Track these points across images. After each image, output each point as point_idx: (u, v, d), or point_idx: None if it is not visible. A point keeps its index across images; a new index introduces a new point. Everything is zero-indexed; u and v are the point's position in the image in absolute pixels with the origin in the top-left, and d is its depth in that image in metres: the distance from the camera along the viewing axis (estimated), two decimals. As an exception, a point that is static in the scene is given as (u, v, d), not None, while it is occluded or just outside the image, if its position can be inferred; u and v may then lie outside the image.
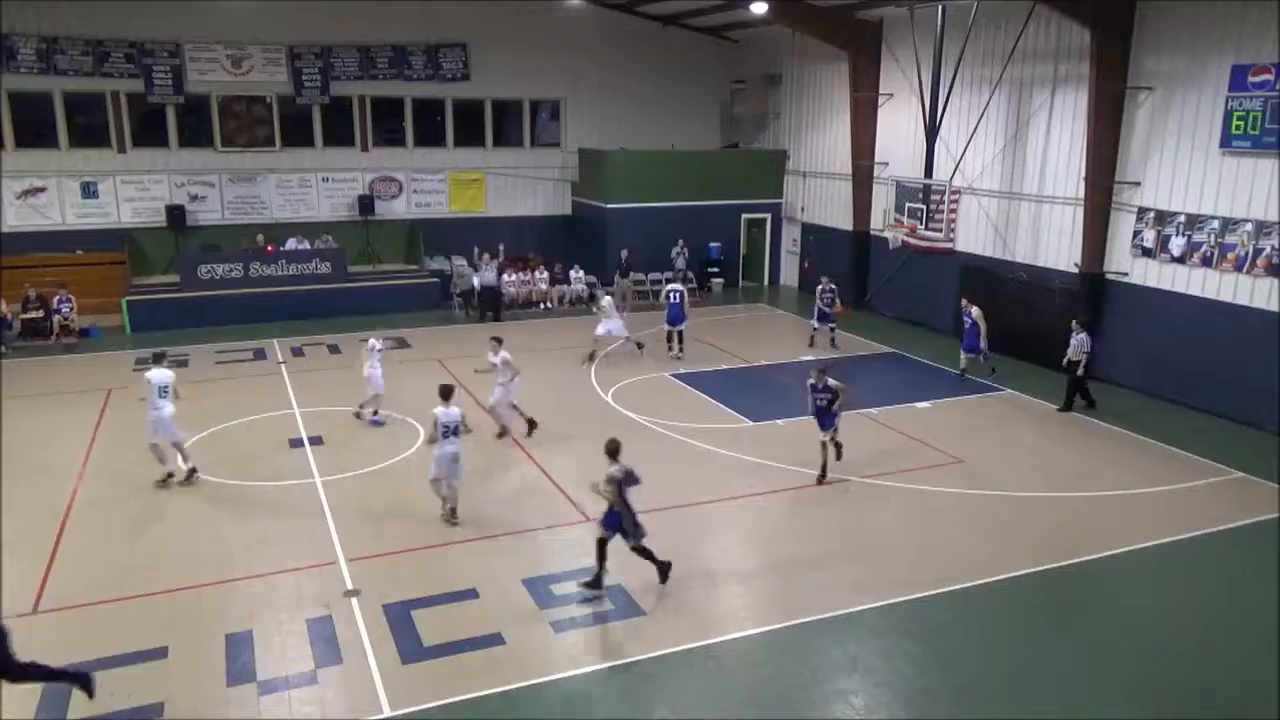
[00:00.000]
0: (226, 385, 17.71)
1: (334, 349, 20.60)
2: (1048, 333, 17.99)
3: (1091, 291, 17.94)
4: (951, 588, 10.22)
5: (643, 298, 25.21)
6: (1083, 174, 17.81)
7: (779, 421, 15.70)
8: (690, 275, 26.29)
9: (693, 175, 26.86)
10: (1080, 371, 16.11)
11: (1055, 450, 14.72)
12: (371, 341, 15.61)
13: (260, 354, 20.05)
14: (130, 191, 24.31)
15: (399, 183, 26.90)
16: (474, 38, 26.33)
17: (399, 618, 9.51)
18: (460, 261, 25.28)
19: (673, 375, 18.44)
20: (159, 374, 12.89)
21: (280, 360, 19.58)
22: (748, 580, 10.63)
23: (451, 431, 11.56)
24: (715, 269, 27.43)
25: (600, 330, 19.31)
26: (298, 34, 24.84)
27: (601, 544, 10.07)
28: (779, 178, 27.91)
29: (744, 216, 27.95)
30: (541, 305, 25.04)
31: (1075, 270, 18.25)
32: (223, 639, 9.14)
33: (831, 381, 13.07)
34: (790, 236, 27.94)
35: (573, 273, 25.96)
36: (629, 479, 9.96)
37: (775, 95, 28.02)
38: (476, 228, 27.00)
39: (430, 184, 27.19)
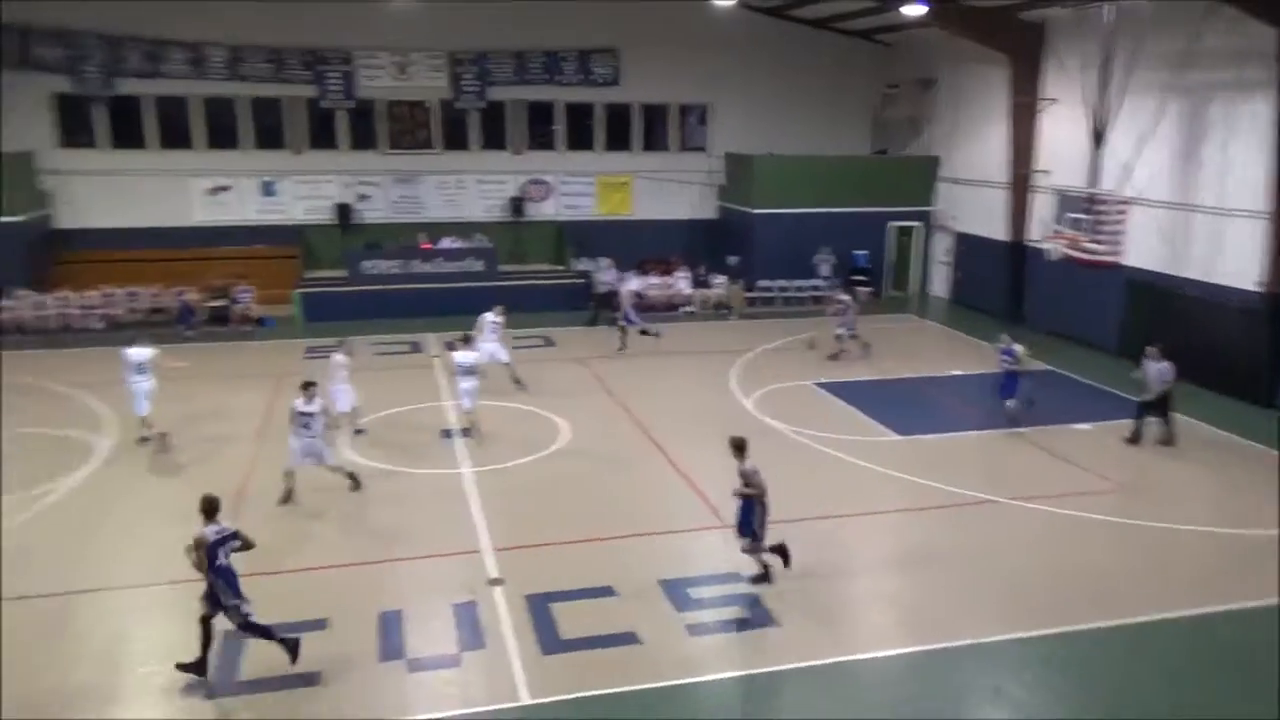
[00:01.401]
0: (383, 376, 18.61)
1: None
2: (1225, 355, 16.80)
3: (1276, 313, 16.64)
4: (1102, 624, 9.68)
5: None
6: (1271, 185, 16.54)
7: (927, 436, 15.28)
8: (836, 283, 25.92)
9: (840, 181, 26.43)
10: (1163, 405, 14.71)
11: (1220, 483, 13.72)
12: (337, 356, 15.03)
13: (416, 347, 21.02)
14: (304, 190, 25.97)
15: (549, 185, 27.65)
16: (624, 43, 26.79)
17: (539, 609, 9.80)
18: (605, 263, 25.73)
19: (816, 384, 18.21)
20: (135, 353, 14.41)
21: (434, 354, 20.45)
22: (887, 599, 10.42)
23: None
24: (862, 277, 26.87)
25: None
26: (458, 41, 25.90)
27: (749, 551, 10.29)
28: (930, 185, 27.13)
29: (892, 224, 27.30)
30: (683, 309, 25.19)
31: (1258, 289, 16.96)
32: (376, 616, 9.65)
33: (1016, 347, 13.44)
34: (942, 245, 27.10)
35: (714, 277, 25.99)
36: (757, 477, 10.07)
37: (928, 100, 27.25)
38: (622, 230, 27.46)
39: (579, 186, 27.82)
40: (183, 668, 8.55)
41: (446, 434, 15.36)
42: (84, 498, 12.68)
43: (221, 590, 8.47)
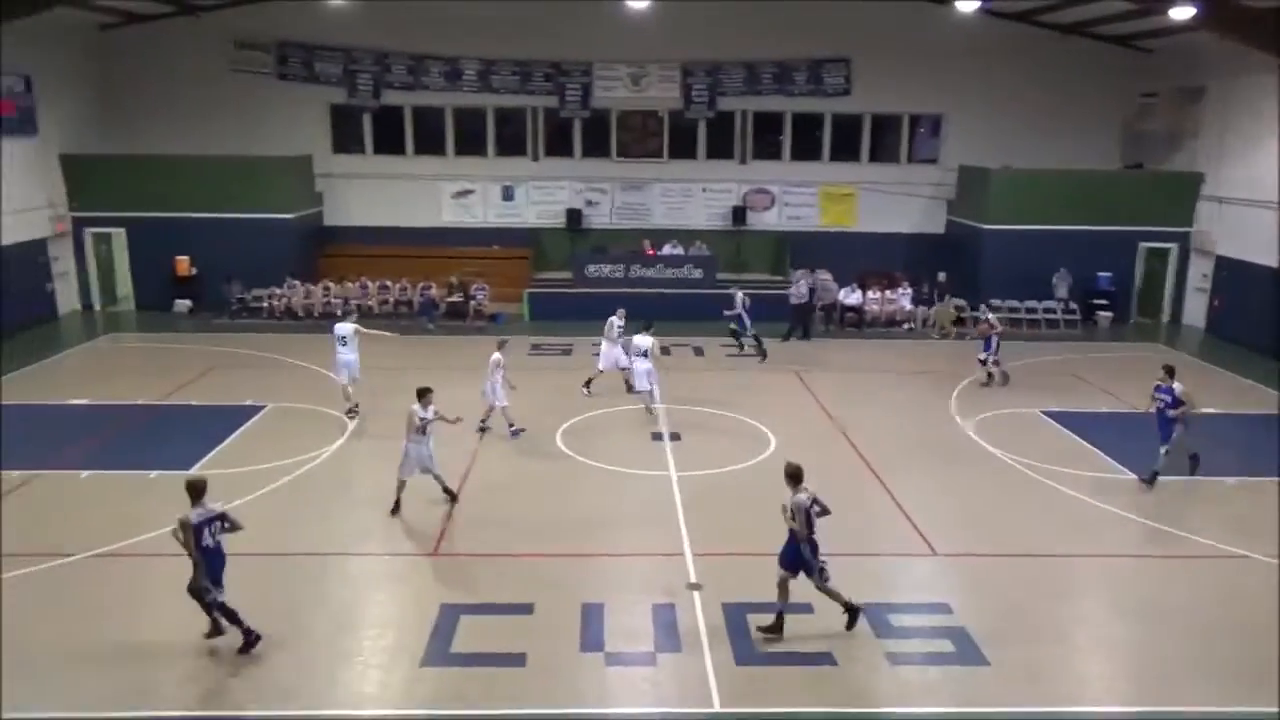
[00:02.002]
0: (599, 376, 19.31)
1: (698, 351, 21.66)
2: None
3: None
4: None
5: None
6: None
7: (1168, 478, 13.99)
8: (1073, 306, 24.27)
9: (1084, 197, 24.65)
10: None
11: None
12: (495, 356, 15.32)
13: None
14: (538, 195, 27.44)
15: (772, 195, 27.65)
16: (857, 52, 26.34)
17: (736, 619, 9.84)
18: (825, 276, 25.38)
19: (1043, 412, 17.13)
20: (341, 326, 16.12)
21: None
22: (1109, 649, 9.66)
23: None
24: (1103, 301, 24.97)
25: (601, 363, 17.75)
26: (691, 53, 26.44)
27: (783, 585, 9.57)
28: (1190, 204, 24.75)
29: (1142, 245, 25.18)
30: (904, 326, 24.40)
31: None
32: (579, 607, 10.04)
33: (1176, 386, 12.30)
34: (1199, 271, 24.66)
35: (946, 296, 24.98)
36: (817, 509, 9.46)
37: (1193, 110, 24.85)
38: (844, 242, 27.01)
39: (802, 197, 27.64)
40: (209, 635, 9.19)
41: (657, 436, 15.72)
42: (330, 469, 14.03)
43: (200, 569, 8.82)
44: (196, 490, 8.88)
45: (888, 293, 24.96)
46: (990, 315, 20.08)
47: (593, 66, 26.61)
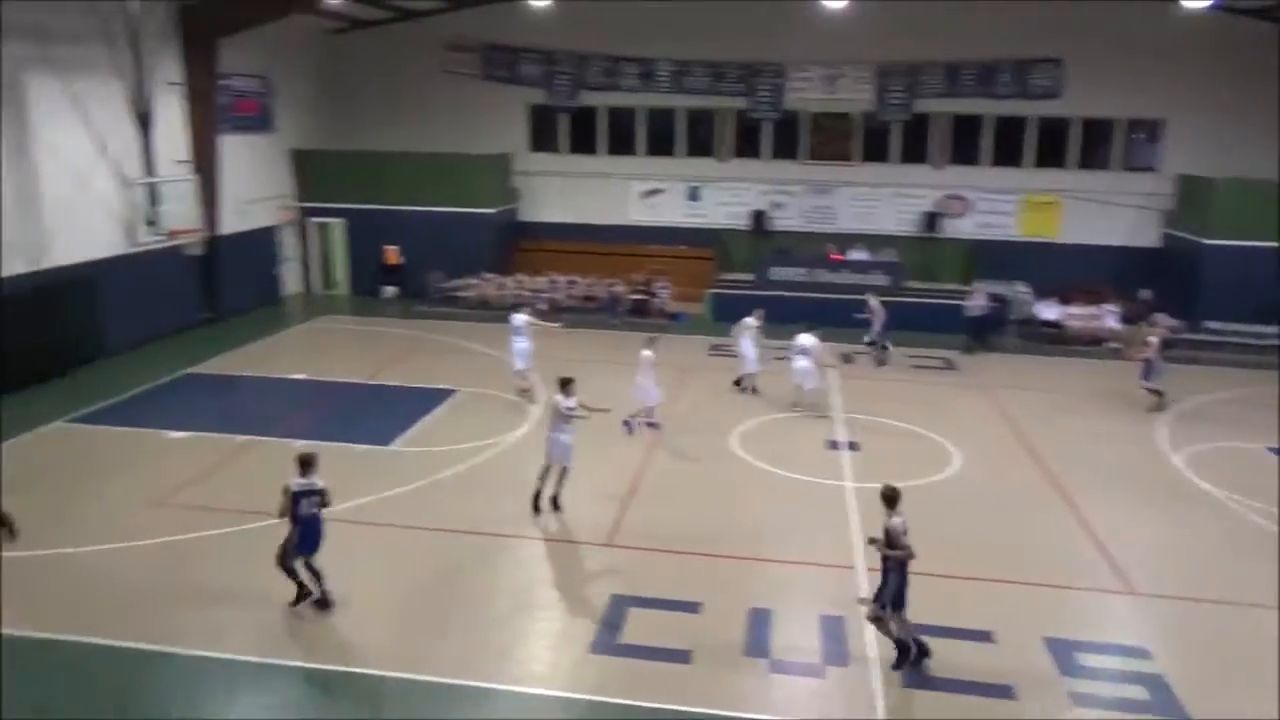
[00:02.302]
0: (777, 380, 19.16)
1: (882, 360, 21.09)
2: None
3: None
4: None
5: (1199, 346, 21.66)
6: None
7: None
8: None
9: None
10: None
11: None
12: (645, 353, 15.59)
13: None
14: (725, 197, 27.50)
15: (968, 201, 26.52)
16: (1069, 52, 24.77)
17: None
18: (1022, 288, 24.13)
19: (1269, 449, 15.58)
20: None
21: (829, 364, 20.61)
22: (1335, 717, 8.69)
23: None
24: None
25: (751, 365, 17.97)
26: (888, 53, 25.70)
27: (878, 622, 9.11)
28: None
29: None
30: (1109, 345, 22.78)
31: None
32: (746, 610, 10.05)
33: None
34: None
35: (1156, 314, 23.16)
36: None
37: None
38: (1043, 253, 25.54)
39: (1000, 204, 26.34)
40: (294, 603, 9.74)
41: (833, 444, 15.46)
42: (513, 453, 14.63)
43: (293, 536, 9.43)
44: (305, 463, 9.58)
45: (1090, 308, 23.38)
46: (1153, 337, 18.42)
47: (785, 68, 26.39)
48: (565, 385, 12.33)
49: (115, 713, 8.25)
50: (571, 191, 28.07)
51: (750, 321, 17.89)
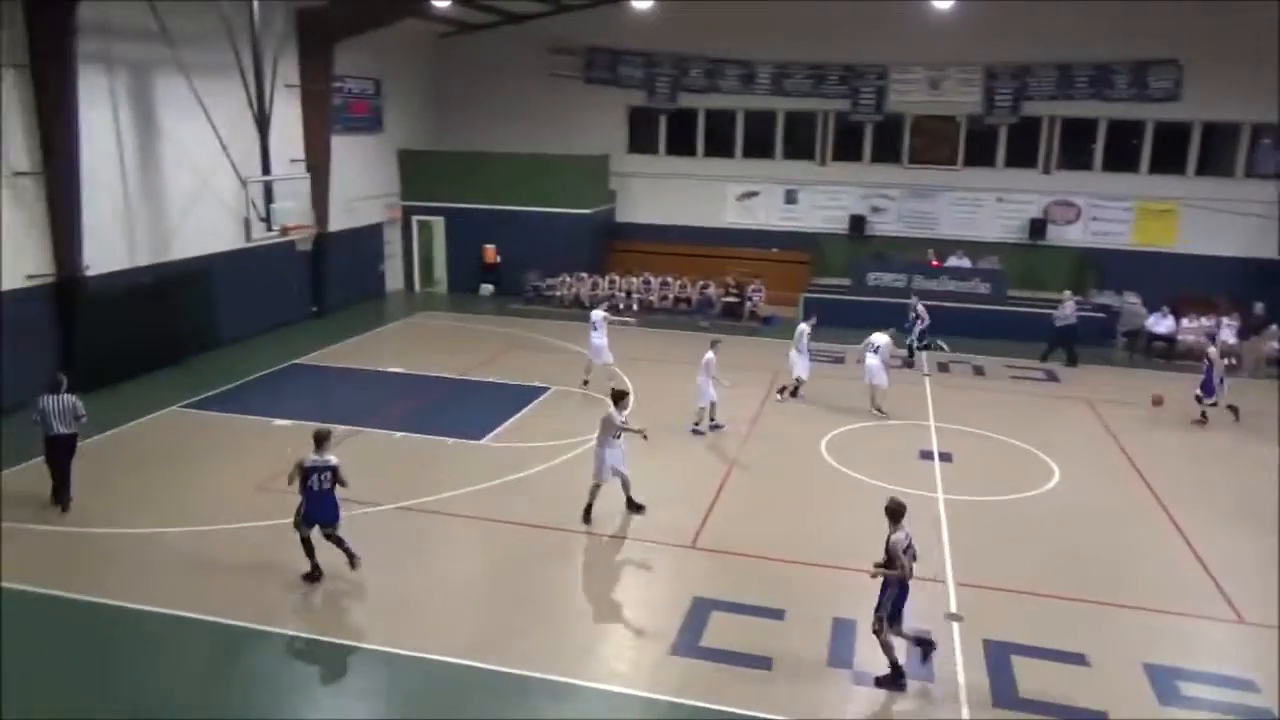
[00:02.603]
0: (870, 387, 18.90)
1: (979, 370, 20.57)
2: None
3: None
4: None
5: None
6: None
7: None
8: None
9: None
10: None
11: None
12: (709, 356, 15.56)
13: (908, 363, 20.88)
14: (822, 200, 27.18)
15: (1077, 208, 25.57)
16: (1190, 53, 23.60)
17: (997, 658, 9.31)
18: (1133, 299, 23.14)
19: (1397, 475, 14.59)
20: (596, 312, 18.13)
21: (925, 372, 20.21)
22: None
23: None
24: None
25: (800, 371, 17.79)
26: (996, 54, 24.99)
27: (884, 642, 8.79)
28: None
29: None
30: (1227, 360, 21.58)
31: None
32: (830, 620, 9.93)
33: None
34: None
35: (1274, 327, 21.94)
36: (912, 554, 8.71)
37: None
38: (1158, 262, 24.42)
39: (1113, 212, 25.32)
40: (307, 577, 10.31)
41: (926, 455, 15.14)
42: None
43: (302, 506, 10.16)
44: (319, 440, 10.21)
45: (1205, 321, 22.27)
46: (1212, 348, 17.57)
47: (888, 69, 25.91)
48: (619, 400, 12.23)
49: (215, 687, 8.68)
50: (667, 193, 28.17)
51: (804, 328, 17.70)
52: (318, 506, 10.24)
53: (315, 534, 10.36)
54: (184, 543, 11.38)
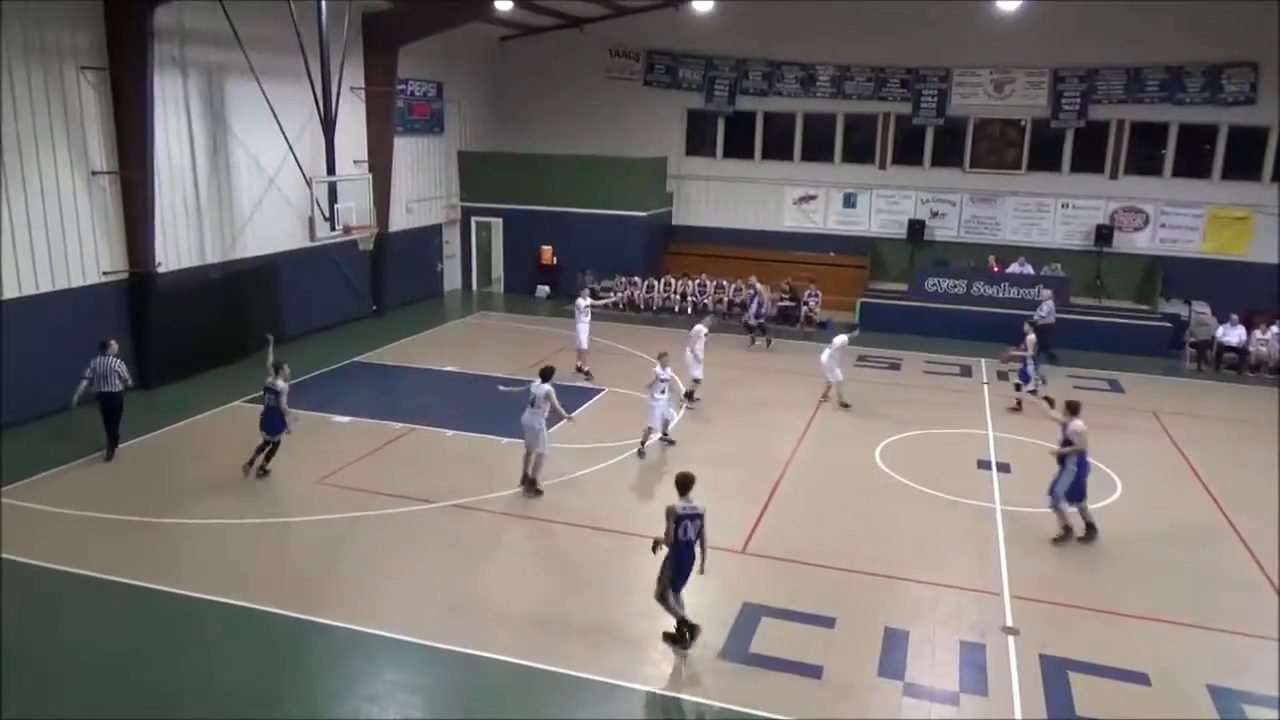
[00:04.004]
0: (928, 394, 18.64)
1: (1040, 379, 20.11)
2: None
3: None
4: None
5: None
6: None
7: None
8: None
9: None
10: None
11: None
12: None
13: (966, 371, 20.59)
14: (881, 204, 26.88)
15: (1146, 214, 24.90)
16: (1268, 54, 22.80)
17: (1054, 674, 9.11)
18: (1202, 309, 22.46)
19: None
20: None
21: (984, 381, 19.86)
22: None
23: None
24: None
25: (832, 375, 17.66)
26: (1063, 57, 24.48)
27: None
28: None
29: None
30: (1294, 372, 20.91)
31: None
32: (881, 629, 9.81)
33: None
34: None
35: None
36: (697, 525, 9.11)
37: None
38: (1229, 271, 23.71)
39: (1183, 218, 24.60)
40: None
41: (984, 464, 14.88)
42: (654, 455, 14.80)
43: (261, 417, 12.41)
44: (276, 369, 12.79)
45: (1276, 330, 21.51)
46: (1031, 336, 17.64)
47: (951, 72, 25.54)
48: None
49: (272, 677, 8.90)
50: (724, 196, 28.13)
51: (841, 340, 17.55)
52: (268, 418, 13.13)
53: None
54: (243, 534, 11.67)
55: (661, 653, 9.36)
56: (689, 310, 25.05)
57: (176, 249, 18.02)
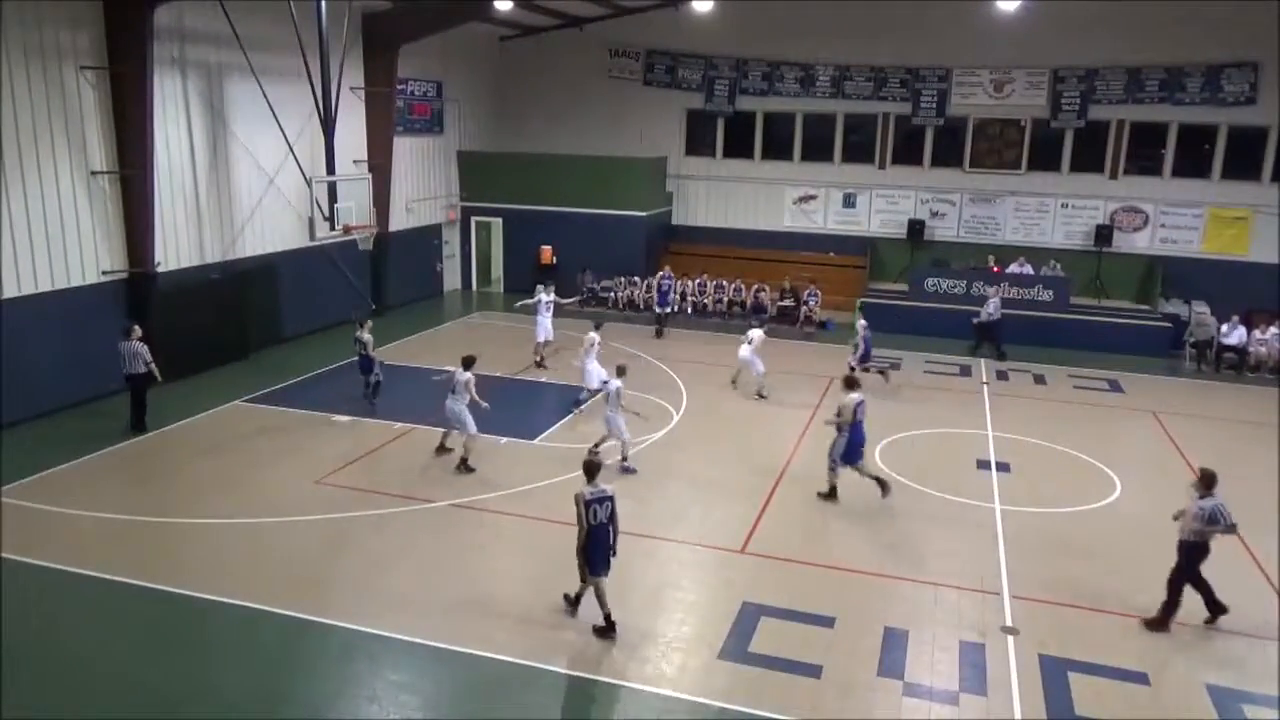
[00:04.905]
0: (927, 395, 18.65)
1: (1039, 379, 20.16)
2: None
3: None
4: None
5: None
6: None
7: None
8: None
9: None
10: None
11: None
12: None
13: (965, 371, 20.61)
14: (881, 204, 26.89)
15: (1145, 214, 24.92)
16: (1268, 55, 22.81)
17: (1054, 674, 9.11)
18: (1201, 308, 22.47)
19: None
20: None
21: (984, 381, 19.86)
22: None
23: None
24: None
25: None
26: (1063, 57, 24.49)
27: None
28: None
29: None
30: (1297, 372, 20.92)
31: None
32: (881, 629, 9.82)
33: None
34: None
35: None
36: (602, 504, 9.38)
37: None
38: (1229, 272, 23.74)
39: (1183, 219, 24.62)
40: None
41: (983, 464, 14.89)
42: (654, 454, 14.78)
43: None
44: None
45: (1275, 330, 21.52)
46: (861, 320, 19.09)
47: (951, 72, 25.54)
48: (468, 364, 14.16)
49: (272, 677, 8.90)
50: (724, 196, 28.14)
51: (759, 335, 18.13)
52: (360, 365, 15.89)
53: None
54: (239, 534, 11.67)
55: (661, 652, 9.37)
56: (689, 310, 25.04)
57: (176, 249, 18.02)
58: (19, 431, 14.75)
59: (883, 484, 13.05)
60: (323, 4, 17.76)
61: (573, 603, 9.95)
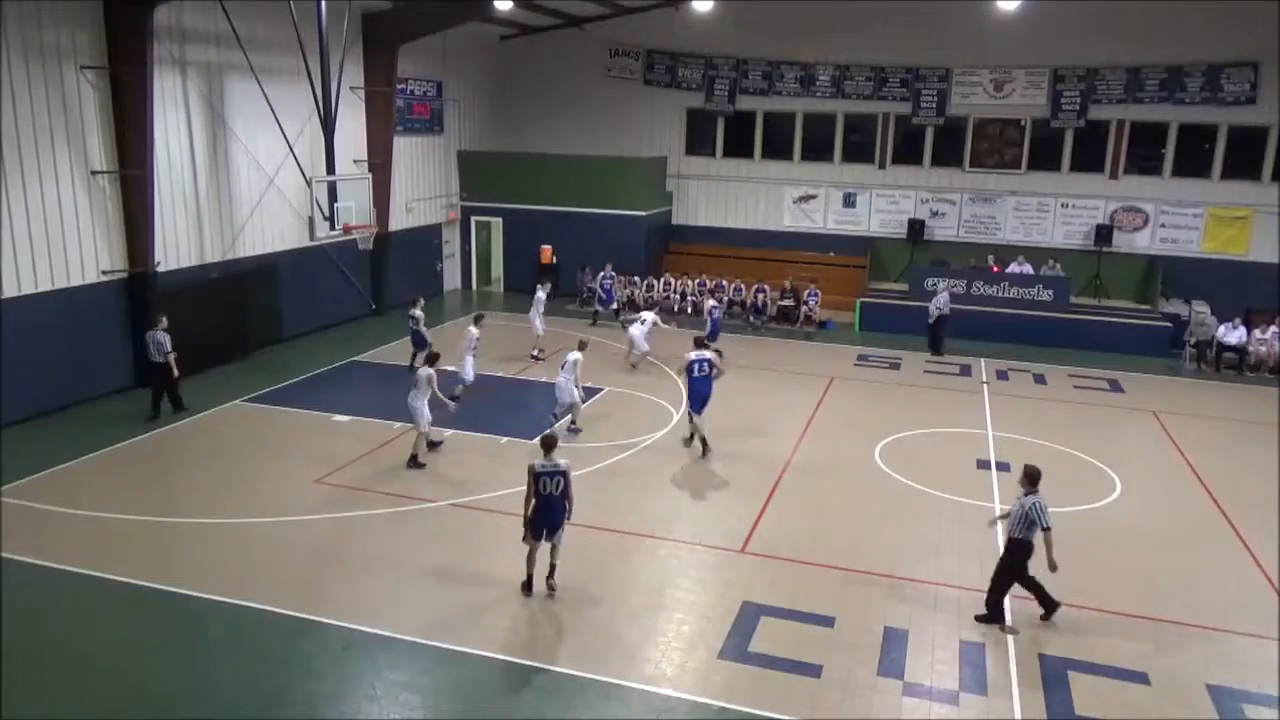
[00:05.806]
0: (928, 394, 18.65)
1: (1039, 379, 20.15)
2: None
3: None
4: None
5: None
6: None
7: None
8: None
9: None
10: None
11: None
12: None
13: (965, 370, 20.61)
14: (881, 204, 26.88)
15: (1145, 214, 24.91)
16: (1268, 54, 22.81)
17: (1054, 673, 9.12)
18: (1201, 308, 22.47)
19: None
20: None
21: (984, 380, 19.86)
22: None
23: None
24: None
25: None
26: (1063, 56, 24.49)
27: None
28: None
29: None
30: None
31: None
32: (882, 629, 9.82)
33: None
34: None
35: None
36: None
37: None
38: (1230, 271, 23.73)
39: (1183, 218, 24.61)
40: None
41: (983, 464, 14.88)
42: (653, 454, 14.78)
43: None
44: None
45: (1276, 329, 21.52)
46: (710, 301, 21.05)
47: (951, 72, 25.54)
48: (432, 360, 14.24)
49: (272, 677, 8.89)
50: (724, 195, 28.14)
51: (651, 316, 19.75)
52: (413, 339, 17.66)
53: None
54: (239, 534, 11.67)
55: (661, 652, 9.37)
56: (689, 310, 25.04)
57: (176, 248, 18.02)
58: (19, 431, 14.74)
59: (705, 445, 14.48)
60: (322, 4, 17.75)
61: (526, 585, 10.40)
